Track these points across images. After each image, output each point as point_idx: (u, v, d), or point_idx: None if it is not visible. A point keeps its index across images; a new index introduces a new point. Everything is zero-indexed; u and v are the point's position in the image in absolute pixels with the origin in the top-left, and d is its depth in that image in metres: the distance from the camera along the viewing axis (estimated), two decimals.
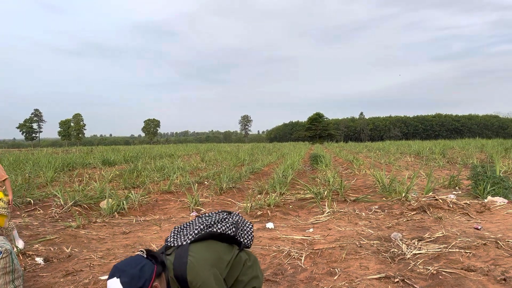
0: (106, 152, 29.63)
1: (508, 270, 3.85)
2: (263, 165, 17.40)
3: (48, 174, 12.37)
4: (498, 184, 7.95)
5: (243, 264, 2.35)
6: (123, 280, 1.76)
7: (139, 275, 1.80)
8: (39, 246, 5.18)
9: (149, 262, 1.90)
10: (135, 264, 1.84)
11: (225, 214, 2.48)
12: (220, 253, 2.23)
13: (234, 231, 2.34)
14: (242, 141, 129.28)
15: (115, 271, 1.81)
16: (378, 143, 54.06)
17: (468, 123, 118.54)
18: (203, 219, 2.42)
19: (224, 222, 2.37)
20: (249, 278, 2.32)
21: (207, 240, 2.23)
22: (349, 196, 8.75)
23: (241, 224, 2.45)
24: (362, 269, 4.16)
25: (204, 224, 2.29)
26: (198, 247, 2.16)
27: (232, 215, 2.49)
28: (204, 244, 2.20)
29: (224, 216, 2.44)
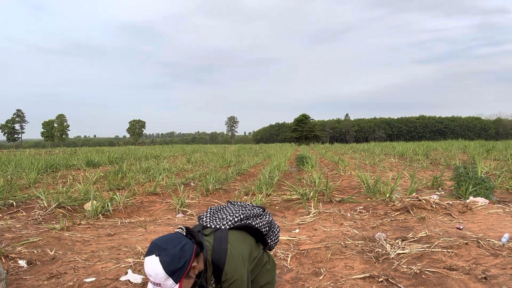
0: (90, 153, 29.29)
1: (489, 269, 3.94)
2: (250, 166, 17.41)
3: (31, 176, 12.18)
4: (479, 185, 8.11)
5: (263, 265, 2.31)
6: (163, 259, 1.70)
7: (180, 255, 1.74)
8: (22, 248, 5.09)
9: (189, 241, 1.83)
10: (176, 243, 1.77)
11: (260, 210, 2.40)
12: (251, 248, 2.18)
13: (267, 230, 2.30)
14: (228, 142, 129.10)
15: (154, 248, 1.74)
16: (363, 144, 54.56)
17: (451, 125, 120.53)
18: (239, 207, 2.36)
19: (260, 218, 2.30)
20: (264, 281, 2.30)
21: (243, 231, 2.17)
22: (335, 197, 8.83)
23: (273, 225, 2.40)
24: (347, 269, 4.20)
25: (244, 215, 2.21)
26: (236, 236, 2.09)
27: (266, 213, 2.43)
28: (241, 235, 2.14)
29: (260, 212, 2.36)
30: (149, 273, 1.70)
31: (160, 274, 1.67)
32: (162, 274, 1.67)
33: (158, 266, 1.68)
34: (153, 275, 1.69)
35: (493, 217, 6.32)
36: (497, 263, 4.14)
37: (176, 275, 1.69)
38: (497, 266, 4.05)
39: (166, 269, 1.68)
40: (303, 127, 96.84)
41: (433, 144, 40.23)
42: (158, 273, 1.68)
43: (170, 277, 1.68)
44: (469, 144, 34.50)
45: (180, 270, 1.71)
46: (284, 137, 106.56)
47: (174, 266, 1.69)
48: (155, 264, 1.69)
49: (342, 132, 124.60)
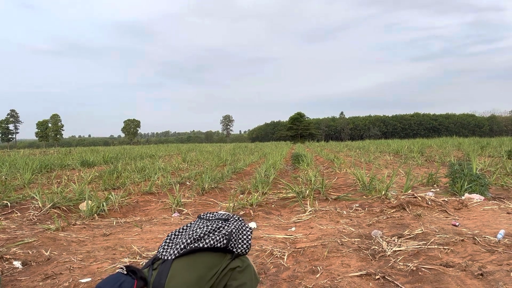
0: (85, 153, 29.16)
1: (485, 265, 3.95)
2: (245, 165, 17.39)
3: (25, 176, 12.10)
4: (474, 182, 8.15)
5: (234, 270, 2.33)
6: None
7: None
8: (16, 249, 5.05)
9: (128, 278, 1.94)
10: (114, 282, 1.89)
11: (220, 222, 2.46)
12: (205, 270, 2.22)
13: (225, 243, 2.33)
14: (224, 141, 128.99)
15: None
16: (358, 142, 54.69)
17: (445, 122, 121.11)
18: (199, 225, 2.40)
19: (215, 233, 2.34)
20: (237, 284, 2.31)
21: (193, 255, 2.23)
22: (331, 194, 8.84)
23: (235, 234, 2.42)
24: (343, 266, 4.20)
25: (192, 238, 2.27)
26: (181, 265, 2.16)
27: (229, 222, 2.47)
28: (189, 261, 2.20)
29: (219, 225, 2.41)
30: None
31: None
32: None
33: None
34: None
35: (489, 214, 6.35)
36: (493, 259, 4.16)
37: None
38: (493, 262, 4.07)
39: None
40: (298, 126, 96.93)
41: (428, 141, 40.40)
42: None
43: None
44: (464, 141, 34.68)
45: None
46: (279, 136, 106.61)
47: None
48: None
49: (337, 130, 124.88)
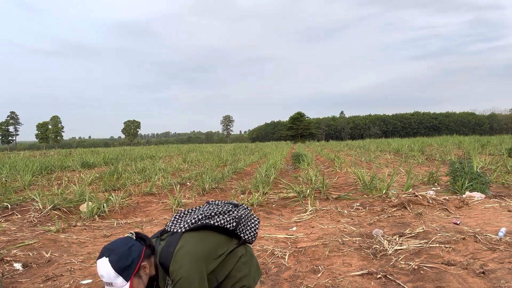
0: (85, 154, 29.16)
1: (487, 263, 3.94)
2: (246, 165, 17.38)
3: (25, 178, 12.09)
4: (475, 180, 8.13)
5: (238, 259, 2.31)
6: (112, 259, 1.80)
7: (127, 253, 1.83)
8: (17, 251, 5.04)
9: (137, 243, 1.93)
10: (123, 244, 1.88)
11: (231, 206, 2.43)
12: (214, 246, 2.19)
13: (234, 226, 2.30)
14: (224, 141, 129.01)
15: (104, 251, 1.84)
16: (358, 141, 54.68)
17: (446, 121, 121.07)
18: (209, 207, 2.38)
19: (226, 215, 2.31)
20: (242, 275, 2.29)
21: (203, 231, 2.19)
22: (331, 194, 8.82)
23: (244, 219, 2.39)
24: (345, 266, 4.19)
25: (204, 215, 2.24)
26: (191, 237, 2.12)
27: (239, 208, 2.45)
28: (199, 235, 2.16)
29: (229, 209, 2.38)
30: (101, 273, 1.80)
31: (110, 273, 1.77)
32: (112, 273, 1.77)
33: (108, 265, 1.78)
34: (105, 275, 1.78)
35: (490, 212, 6.34)
36: (495, 257, 4.15)
37: (125, 274, 1.79)
38: (495, 260, 4.06)
39: (115, 267, 1.78)
40: (298, 125, 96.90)
41: (428, 140, 40.39)
42: (108, 272, 1.78)
43: (119, 275, 1.78)
44: (464, 139, 34.65)
45: (129, 268, 1.81)
46: (279, 135, 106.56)
47: (122, 264, 1.80)
48: (105, 264, 1.79)
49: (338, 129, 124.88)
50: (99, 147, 69.02)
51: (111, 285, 1.79)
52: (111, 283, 1.79)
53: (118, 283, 1.79)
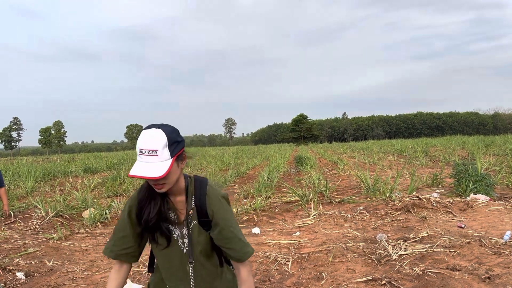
0: (88, 159, 29.20)
1: (492, 268, 3.89)
2: (248, 168, 17.35)
3: (28, 184, 12.10)
4: (480, 182, 8.07)
5: None
6: (166, 129, 1.60)
7: (177, 132, 1.66)
8: (19, 260, 5.03)
9: None
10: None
11: None
12: None
13: None
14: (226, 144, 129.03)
15: (154, 125, 1.62)
16: (361, 142, 54.58)
17: (449, 121, 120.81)
18: None
19: None
20: None
21: None
22: (335, 197, 8.78)
23: None
24: (349, 272, 4.15)
25: None
26: None
27: None
28: None
29: None
30: (147, 140, 1.55)
31: (162, 141, 1.55)
32: (163, 141, 1.55)
33: (161, 134, 1.56)
34: (153, 141, 1.55)
35: (495, 214, 6.28)
36: (500, 262, 4.10)
37: (173, 147, 1.58)
38: (500, 265, 4.01)
39: (168, 136, 1.57)
40: (301, 127, 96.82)
41: (432, 140, 40.26)
42: (160, 139, 1.55)
43: (169, 146, 1.56)
44: (468, 139, 34.52)
45: (178, 145, 1.62)
46: (282, 138, 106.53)
47: (174, 137, 1.60)
48: (157, 132, 1.57)
49: (340, 131, 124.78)
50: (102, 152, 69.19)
51: (154, 153, 1.53)
52: (156, 151, 1.53)
53: (164, 154, 1.55)
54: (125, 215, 1.77)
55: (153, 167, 1.53)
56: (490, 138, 36.13)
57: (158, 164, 1.54)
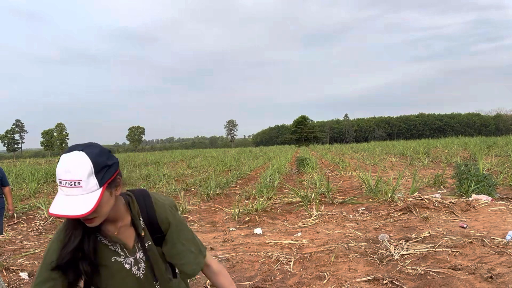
0: None
1: (494, 267, 3.90)
2: (250, 169, 17.37)
3: (31, 186, 12.15)
4: (482, 182, 8.07)
5: None
6: (91, 151, 1.31)
7: (107, 153, 1.37)
8: (23, 260, 5.05)
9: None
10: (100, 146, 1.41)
11: None
12: None
13: None
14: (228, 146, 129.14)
15: (76, 146, 1.33)
16: (363, 144, 54.58)
17: (451, 122, 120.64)
18: None
19: None
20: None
21: None
22: (336, 198, 8.79)
23: None
24: (350, 272, 4.16)
25: None
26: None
27: None
28: None
29: None
30: (68, 168, 1.26)
31: (85, 169, 1.27)
32: (88, 167, 1.27)
33: (84, 157, 1.28)
34: (75, 169, 1.26)
35: (497, 215, 6.28)
36: (502, 261, 4.10)
37: (102, 174, 1.30)
38: (503, 264, 4.01)
39: (93, 161, 1.28)
40: (302, 129, 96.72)
41: (434, 142, 40.22)
42: (83, 167, 1.27)
43: (96, 174, 1.28)
44: (470, 140, 34.48)
45: (109, 170, 1.34)
46: (283, 139, 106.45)
47: (101, 161, 1.31)
48: (79, 157, 1.28)
49: (342, 132, 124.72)
50: None
51: (77, 184, 1.26)
52: (79, 182, 1.26)
53: (90, 185, 1.28)
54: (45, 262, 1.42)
55: (77, 201, 1.26)
56: (492, 139, 36.08)
57: (83, 197, 1.27)
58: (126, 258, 1.51)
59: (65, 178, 1.27)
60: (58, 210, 1.25)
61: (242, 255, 4.89)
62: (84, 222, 1.36)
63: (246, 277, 4.19)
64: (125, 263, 1.51)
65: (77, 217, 1.25)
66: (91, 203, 1.26)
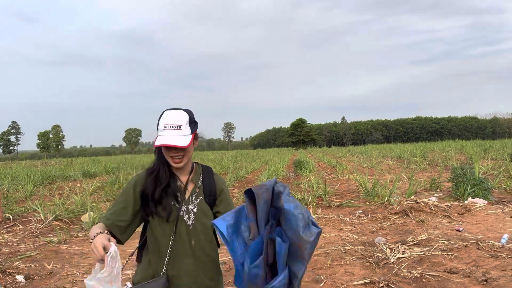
0: (86, 163, 29.19)
1: (489, 271, 3.93)
2: (247, 172, 17.38)
3: (27, 188, 12.10)
4: (477, 186, 8.11)
5: None
6: (188, 111, 1.93)
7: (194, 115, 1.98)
8: (19, 263, 5.05)
9: None
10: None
11: None
12: None
13: None
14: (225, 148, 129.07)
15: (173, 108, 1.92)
16: (360, 147, 54.68)
17: (448, 125, 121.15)
18: None
19: None
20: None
21: None
22: (333, 201, 8.80)
23: None
24: (347, 275, 4.18)
25: None
26: None
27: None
28: None
29: None
30: (174, 118, 1.85)
31: (185, 118, 1.87)
32: (186, 118, 1.87)
33: (185, 114, 1.88)
34: (179, 120, 1.85)
35: (492, 218, 6.32)
36: (497, 264, 4.13)
37: (192, 125, 1.91)
38: (497, 267, 4.04)
39: (190, 118, 1.89)
40: (300, 131, 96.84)
41: (431, 145, 40.36)
42: (184, 119, 1.86)
43: (190, 124, 1.88)
44: (466, 144, 34.62)
45: (195, 125, 1.95)
46: (281, 142, 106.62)
47: (194, 119, 1.94)
48: (182, 113, 1.89)
49: (339, 135, 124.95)
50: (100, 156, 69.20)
51: (179, 127, 1.83)
52: (180, 126, 1.83)
53: (186, 130, 1.85)
54: (130, 189, 1.92)
55: (178, 139, 1.81)
56: (488, 142, 36.24)
57: (182, 137, 1.83)
58: (182, 206, 1.91)
59: (171, 123, 1.84)
60: (165, 142, 1.79)
61: None
62: (173, 160, 1.87)
63: None
64: (180, 209, 1.90)
65: (180, 147, 1.80)
66: (187, 140, 1.82)
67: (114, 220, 1.84)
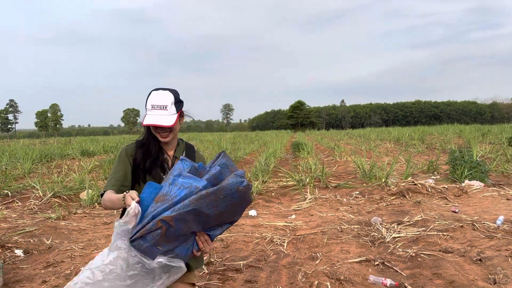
0: (84, 142, 29.15)
1: (484, 251, 3.97)
2: (246, 153, 17.40)
3: (25, 166, 12.11)
4: (475, 169, 8.15)
5: None
6: (173, 91, 2.09)
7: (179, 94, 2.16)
8: (18, 238, 5.08)
9: None
10: None
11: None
12: None
13: None
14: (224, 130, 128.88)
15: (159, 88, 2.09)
16: (359, 130, 54.70)
17: (447, 109, 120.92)
18: None
19: None
20: None
21: None
22: (331, 182, 8.85)
23: None
24: (343, 253, 4.23)
25: None
26: None
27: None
28: None
29: None
30: (160, 98, 2.03)
31: (170, 98, 2.04)
32: (172, 98, 2.04)
33: (170, 95, 2.06)
34: (165, 100, 2.03)
35: (488, 200, 6.37)
36: (492, 245, 4.18)
37: (178, 105, 2.08)
38: (492, 248, 4.09)
39: (175, 98, 2.06)
40: (298, 114, 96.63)
41: (429, 129, 40.36)
42: (169, 99, 2.04)
43: (175, 104, 2.05)
44: (465, 128, 34.63)
45: (181, 104, 2.12)
46: (279, 124, 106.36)
47: (179, 98, 2.12)
48: (167, 93, 2.06)
49: (338, 118, 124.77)
50: (99, 136, 69.06)
51: (165, 108, 2.01)
52: (166, 107, 2.01)
53: (172, 109, 2.03)
54: (126, 157, 2.13)
55: (165, 118, 2.01)
56: (487, 127, 36.25)
57: (168, 117, 2.02)
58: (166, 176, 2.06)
59: (157, 103, 2.02)
60: (152, 121, 1.99)
61: (236, 235, 4.94)
62: (160, 136, 2.08)
63: (240, 257, 4.24)
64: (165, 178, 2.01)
65: (166, 126, 2.00)
66: (172, 120, 2.03)
67: (119, 186, 2.05)
